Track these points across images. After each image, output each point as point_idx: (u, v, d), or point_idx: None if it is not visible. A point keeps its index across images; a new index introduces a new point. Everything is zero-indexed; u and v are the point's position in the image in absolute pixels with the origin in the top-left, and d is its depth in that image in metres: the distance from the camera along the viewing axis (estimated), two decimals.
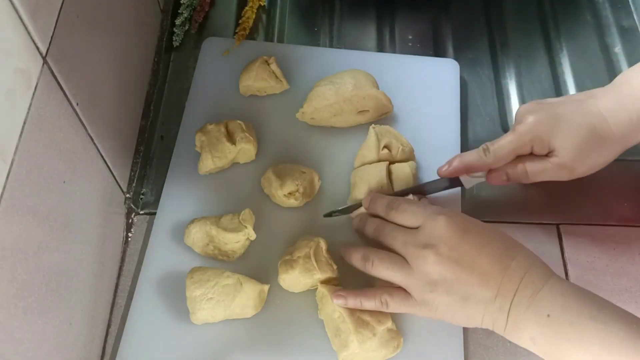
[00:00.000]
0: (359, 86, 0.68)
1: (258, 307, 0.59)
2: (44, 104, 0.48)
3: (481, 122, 0.75)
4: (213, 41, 0.78)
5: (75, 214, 0.55)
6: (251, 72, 0.72)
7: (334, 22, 0.84)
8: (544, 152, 0.60)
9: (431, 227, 0.53)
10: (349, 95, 0.67)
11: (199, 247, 0.62)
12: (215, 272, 0.59)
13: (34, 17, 0.46)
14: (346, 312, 0.56)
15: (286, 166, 0.66)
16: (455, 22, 0.84)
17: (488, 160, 0.61)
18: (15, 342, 0.45)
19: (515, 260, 0.51)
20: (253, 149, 0.67)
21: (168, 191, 0.67)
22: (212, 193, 0.67)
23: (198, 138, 0.67)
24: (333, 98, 0.67)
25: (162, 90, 0.76)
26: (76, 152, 0.55)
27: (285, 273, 0.59)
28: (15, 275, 0.44)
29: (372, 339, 0.55)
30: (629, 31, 0.82)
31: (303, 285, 0.59)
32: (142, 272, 0.62)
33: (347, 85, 0.68)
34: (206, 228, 0.61)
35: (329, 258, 0.60)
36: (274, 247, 0.63)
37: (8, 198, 0.43)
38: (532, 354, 0.50)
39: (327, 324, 0.58)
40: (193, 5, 0.82)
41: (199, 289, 0.57)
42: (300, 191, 0.64)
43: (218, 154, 0.66)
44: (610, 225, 0.67)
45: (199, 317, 0.58)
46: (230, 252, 0.62)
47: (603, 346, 0.46)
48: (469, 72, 0.79)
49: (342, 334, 0.56)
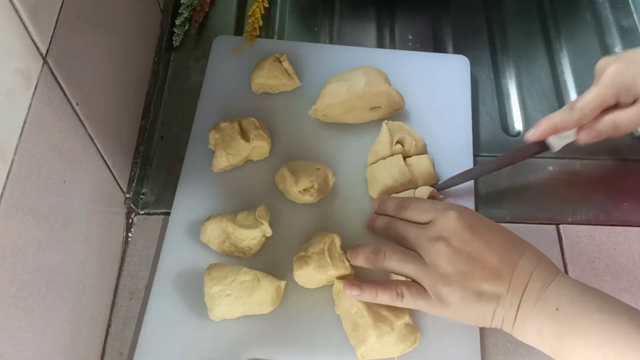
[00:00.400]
0: (371, 83, 0.68)
1: (275, 303, 0.59)
2: (44, 104, 0.48)
3: (481, 122, 0.75)
4: (223, 39, 0.78)
5: (75, 214, 0.55)
6: (263, 70, 0.72)
7: (334, 22, 0.84)
8: (630, 100, 0.58)
9: (442, 221, 0.53)
10: (361, 92, 0.67)
11: (215, 244, 0.63)
12: (233, 268, 0.59)
13: (34, 17, 0.46)
14: (364, 306, 0.56)
15: (300, 163, 0.67)
16: (455, 22, 0.84)
17: (575, 116, 0.59)
18: (15, 342, 0.45)
19: (524, 257, 0.51)
20: (267, 146, 0.68)
21: (182, 189, 0.67)
22: (227, 190, 0.67)
23: (212, 136, 0.67)
24: (345, 95, 0.68)
25: (162, 90, 0.76)
26: (76, 152, 0.55)
27: (299, 269, 0.59)
28: (15, 275, 0.44)
29: (390, 334, 0.55)
30: (629, 31, 0.83)
31: (318, 281, 0.60)
32: (159, 270, 0.62)
33: (359, 82, 0.68)
34: (222, 225, 0.62)
35: (342, 254, 0.60)
36: (289, 244, 0.64)
37: (8, 198, 0.43)
38: (533, 354, 0.51)
39: (345, 319, 0.58)
40: (193, 5, 0.82)
41: (217, 285, 0.58)
42: (315, 187, 0.64)
43: (232, 151, 0.66)
44: (610, 225, 0.67)
45: (217, 314, 0.58)
46: (247, 249, 0.63)
47: (609, 336, 0.46)
48: None
49: (360, 328, 0.56)
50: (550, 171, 0.71)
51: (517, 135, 0.74)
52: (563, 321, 0.48)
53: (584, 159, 0.72)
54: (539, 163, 0.71)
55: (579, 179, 0.68)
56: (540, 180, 0.70)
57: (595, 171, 0.68)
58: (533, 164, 0.71)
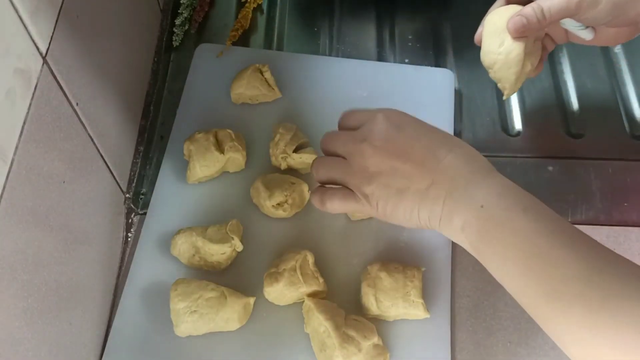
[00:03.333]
0: None
1: (243, 320, 0.59)
2: (44, 104, 0.48)
3: (481, 122, 0.75)
4: (206, 47, 0.78)
5: (75, 213, 0.55)
6: (242, 80, 0.71)
7: (334, 23, 0.84)
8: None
9: (369, 124, 0.52)
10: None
11: (185, 258, 0.62)
12: (200, 284, 0.58)
13: (34, 17, 0.46)
14: (332, 326, 0.55)
15: (275, 176, 0.66)
16: (455, 22, 0.84)
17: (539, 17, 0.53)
18: (15, 342, 0.45)
19: (452, 153, 0.49)
20: (242, 158, 0.67)
21: (156, 200, 0.67)
22: (201, 202, 0.67)
23: (186, 147, 0.67)
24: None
25: (162, 90, 0.76)
26: (76, 152, 0.55)
27: (270, 286, 0.58)
28: (15, 275, 0.44)
29: (357, 355, 0.54)
30: None
31: (288, 298, 0.59)
32: (128, 282, 0.62)
33: None
34: (192, 239, 0.61)
35: (315, 271, 0.59)
36: (262, 258, 0.63)
37: (8, 198, 0.43)
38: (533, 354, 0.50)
39: (313, 338, 0.57)
40: (193, 5, 0.82)
41: (182, 301, 0.57)
42: (289, 202, 0.64)
43: (206, 163, 0.65)
44: (610, 225, 0.67)
45: (183, 330, 0.57)
46: (216, 264, 0.62)
47: (527, 238, 0.44)
48: (469, 72, 0.79)
49: (328, 349, 0.55)
50: (550, 171, 0.71)
51: (517, 135, 0.74)
52: (486, 217, 0.46)
53: (584, 159, 0.72)
54: (539, 163, 0.71)
55: (579, 179, 0.68)
56: (541, 180, 0.70)
57: (595, 171, 0.68)
58: (533, 163, 0.71)
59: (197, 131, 0.68)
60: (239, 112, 0.72)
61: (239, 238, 0.61)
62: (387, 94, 0.73)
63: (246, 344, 0.59)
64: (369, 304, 0.58)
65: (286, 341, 0.59)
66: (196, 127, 0.69)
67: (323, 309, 0.57)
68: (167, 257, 0.63)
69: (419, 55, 0.80)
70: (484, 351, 0.60)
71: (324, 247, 0.63)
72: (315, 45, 0.81)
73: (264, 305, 0.60)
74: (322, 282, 0.59)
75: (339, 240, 0.64)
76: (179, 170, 0.68)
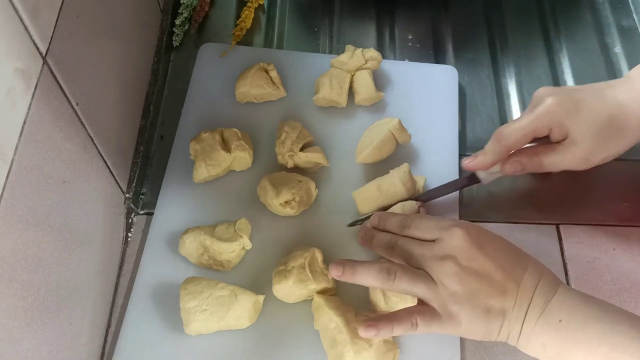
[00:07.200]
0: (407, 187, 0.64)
1: (253, 318, 0.59)
2: (44, 104, 0.48)
3: (481, 122, 0.75)
4: (210, 47, 0.78)
5: (75, 214, 0.55)
6: (247, 79, 0.71)
7: (334, 22, 0.84)
8: (560, 137, 0.59)
9: (448, 239, 0.53)
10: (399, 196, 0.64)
11: (194, 258, 0.62)
12: (209, 283, 0.58)
13: (34, 17, 0.46)
14: (342, 322, 0.55)
15: (282, 174, 0.66)
16: (454, 22, 0.84)
17: (499, 148, 0.59)
18: (15, 342, 0.45)
19: (527, 272, 0.52)
20: (249, 157, 0.67)
21: (163, 199, 0.67)
22: (208, 201, 0.67)
23: (192, 146, 0.67)
24: (381, 202, 0.64)
25: (162, 90, 0.76)
26: (76, 152, 0.54)
27: (278, 283, 0.58)
28: (14, 275, 0.44)
29: (368, 350, 0.54)
30: (629, 31, 0.83)
31: (297, 295, 0.59)
32: (137, 281, 0.62)
33: (397, 189, 0.64)
34: (200, 238, 0.61)
35: (324, 268, 0.59)
36: (270, 256, 0.63)
37: (8, 198, 0.43)
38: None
39: (323, 335, 0.57)
40: (193, 5, 0.82)
41: (192, 300, 0.57)
42: (297, 200, 0.63)
43: (212, 162, 0.65)
44: (610, 225, 0.67)
45: (193, 329, 0.57)
46: (225, 262, 0.62)
47: (610, 347, 0.47)
48: (469, 72, 0.79)
49: (338, 345, 0.55)
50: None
51: None
52: (565, 333, 0.49)
53: None
54: None
55: (578, 179, 0.68)
56: (541, 180, 0.70)
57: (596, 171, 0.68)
58: None
59: (202, 130, 0.68)
60: (243, 111, 0.73)
61: (247, 236, 0.61)
62: (393, 91, 0.73)
63: (256, 341, 0.59)
64: (377, 300, 0.59)
65: (296, 338, 0.59)
66: (201, 127, 0.69)
67: (333, 305, 0.57)
68: (176, 256, 0.63)
69: (419, 55, 0.81)
70: (484, 351, 0.60)
71: (332, 244, 0.64)
72: (316, 44, 0.81)
73: (272, 303, 0.60)
74: (331, 279, 0.59)
75: (347, 237, 0.64)
76: (185, 170, 0.68)
